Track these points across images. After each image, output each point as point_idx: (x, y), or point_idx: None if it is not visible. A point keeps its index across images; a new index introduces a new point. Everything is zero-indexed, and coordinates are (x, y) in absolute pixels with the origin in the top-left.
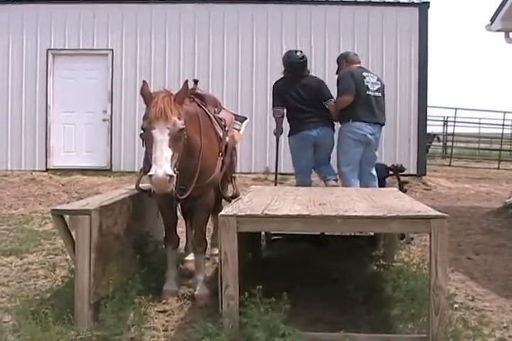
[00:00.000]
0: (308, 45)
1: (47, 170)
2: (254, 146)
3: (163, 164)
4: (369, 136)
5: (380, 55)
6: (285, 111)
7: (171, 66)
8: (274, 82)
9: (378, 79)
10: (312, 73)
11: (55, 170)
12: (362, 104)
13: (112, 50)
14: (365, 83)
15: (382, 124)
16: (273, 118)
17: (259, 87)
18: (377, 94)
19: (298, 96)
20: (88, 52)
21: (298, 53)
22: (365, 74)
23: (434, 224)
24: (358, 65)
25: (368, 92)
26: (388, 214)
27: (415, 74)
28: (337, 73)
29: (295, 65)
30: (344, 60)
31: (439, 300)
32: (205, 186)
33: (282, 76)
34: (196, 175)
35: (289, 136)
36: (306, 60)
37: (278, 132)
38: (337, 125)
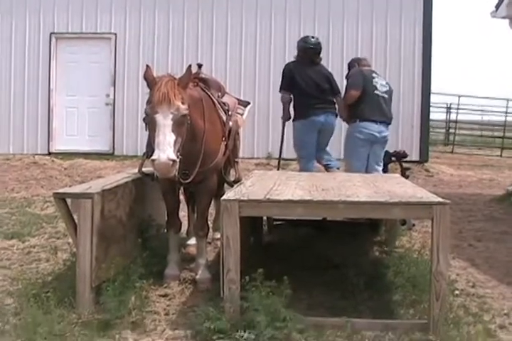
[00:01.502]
0: (312, 28)
1: (49, 153)
2: (256, 131)
3: (166, 149)
4: (377, 134)
5: (383, 40)
6: (292, 95)
7: (174, 49)
8: (285, 64)
9: (387, 83)
10: None
11: (58, 154)
12: (370, 103)
13: (116, 34)
14: (374, 83)
15: (389, 123)
16: (276, 104)
17: (262, 72)
18: (385, 95)
19: (310, 81)
20: (91, 35)
21: (313, 39)
22: (374, 75)
23: (436, 210)
24: (369, 68)
25: (376, 92)
26: (391, 200)
27: (419, 61)
28: (347, 77)
29: (309, 50)
30: (356, 64)
31: (440, 286)
32: (208, 170)
33: (294, 60)
34: (200, 159)
35: (294, 120)
36: (321, 47)
37: (284, 117)
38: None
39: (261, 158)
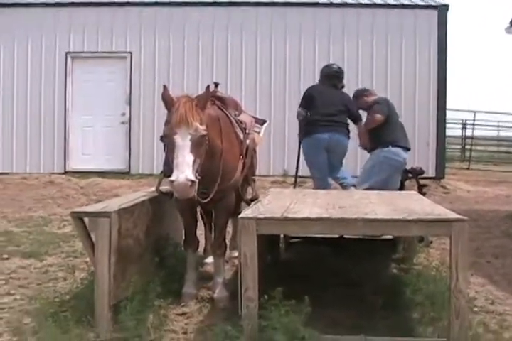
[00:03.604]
0: (326, 49)
1: (65, 172)
2: (272, 149)
3: (185, 170)
4: (403, 161)
5: (398, 58)
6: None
7: (190, 68)
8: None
9: None
10: None
11: (74, 173)
12: (398, 130)
13: (131, 53)
14: (396, 112)
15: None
16: (291, 122)
17: (277, 89)
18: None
19: (326, 101)
20: (107, 55)
21: (334, 66)
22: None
23: (455, 227)
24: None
25: (399, 119)
26: (409, 217)
27: (434, 77)
28: (358, 106)
29: (332, 75)
30: (368, 92)
31: (459, 303)
32: (227, 189)
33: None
34: (218, 178)
35: (302, 139)
36: (343, 73)
37: (300, 135)
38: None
39: (277, 175)
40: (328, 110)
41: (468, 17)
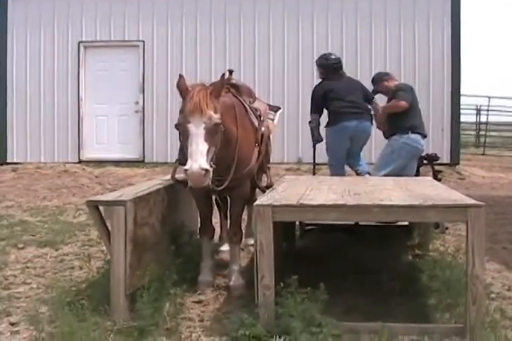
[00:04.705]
0: (339, 34)
1: (80, 161)
2: (286, 136)
3: (199, 158)
4: (421, 148)
5: (412, 42)
6: (325, 112)
7: (202, 56)
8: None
9: None
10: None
11: (88, 162)
12: (418, 117)
13: (143, 42)
14: (417, 98)
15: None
16: (305, 108)
17: (290, 76)
18: None
19: (342, 87)
20: (119, 43)
21: (333, 56)
22: None
23: (471, 212)
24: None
25: (418, 106)
26: (425, 203)
27: (448, 62)
28: (374, 91)
29: (333, 65)
30: (388, 77)
31: (476, 289)
32: (242, 177)
33: (321, 80)
34: (233, 166)
35: (326, 126)
36: (341, 61)
37: (314, 140)
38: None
39: (291, 163)
40: (350, 97)
41: (483, 1)
